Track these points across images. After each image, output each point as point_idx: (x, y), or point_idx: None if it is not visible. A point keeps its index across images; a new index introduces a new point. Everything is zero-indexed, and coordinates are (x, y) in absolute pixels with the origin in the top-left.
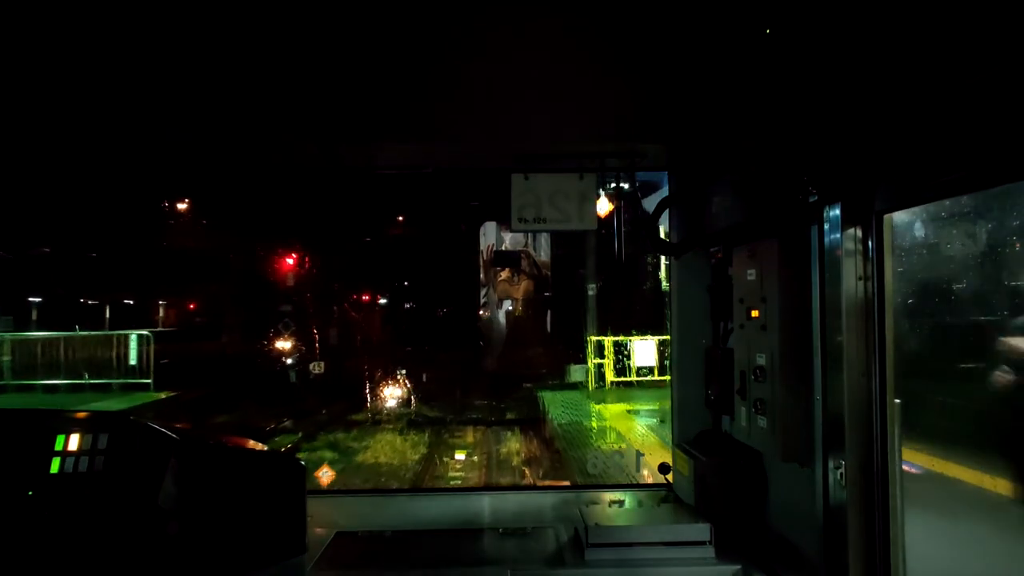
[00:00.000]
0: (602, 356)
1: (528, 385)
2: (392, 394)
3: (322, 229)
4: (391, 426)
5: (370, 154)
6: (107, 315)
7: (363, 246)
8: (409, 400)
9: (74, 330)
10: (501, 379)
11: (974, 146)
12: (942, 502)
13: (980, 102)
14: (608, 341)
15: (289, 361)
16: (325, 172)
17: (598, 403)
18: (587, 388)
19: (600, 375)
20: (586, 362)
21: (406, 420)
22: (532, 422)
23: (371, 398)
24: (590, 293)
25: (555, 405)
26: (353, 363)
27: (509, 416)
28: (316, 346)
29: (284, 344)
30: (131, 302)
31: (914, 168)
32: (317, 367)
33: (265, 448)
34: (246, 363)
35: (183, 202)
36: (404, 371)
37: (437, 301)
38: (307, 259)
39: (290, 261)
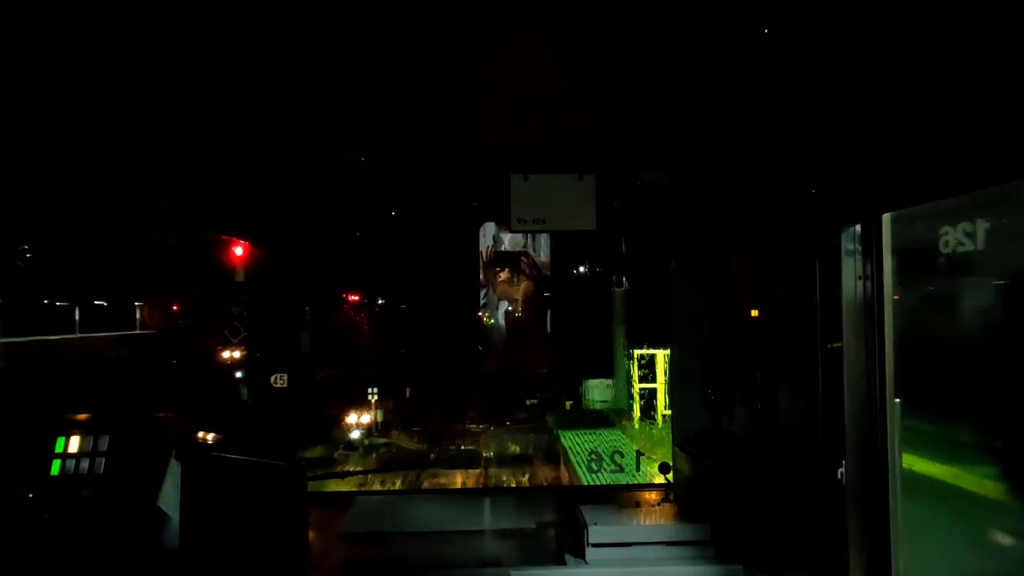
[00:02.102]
0: (653, 378)
1: (533, 401)
2: (361, 421)
3: (307, 223)
4: (352, 467)
5: (370, 154)
6: (77, 317)
7: (352, 242)
8: (385, 424)
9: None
10: (501, 389)
11: (973, 144)
12: None
13: (979, 100)
14: (662, 356)
15: (239, 374)
16: (324, 170)
17: (658, 456)
18: (620, 420)
19: (642, 397)
20: (612, 376)
21: (377, 455)
22: (543, 460)
23: (337, 422)
24: (617, 289)
25: (584, 460)
26: (330, 373)
27: (512, 450)
28: (287, 353)
29: (233, 353)
30: (104, 303)
31: (914, 167)
32: (279, 380)
33: (266, 450)
34: (195, 374)
35: (163, 198)
36: (377, 389)
37: (435, 302)
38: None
39: (239, 251)
